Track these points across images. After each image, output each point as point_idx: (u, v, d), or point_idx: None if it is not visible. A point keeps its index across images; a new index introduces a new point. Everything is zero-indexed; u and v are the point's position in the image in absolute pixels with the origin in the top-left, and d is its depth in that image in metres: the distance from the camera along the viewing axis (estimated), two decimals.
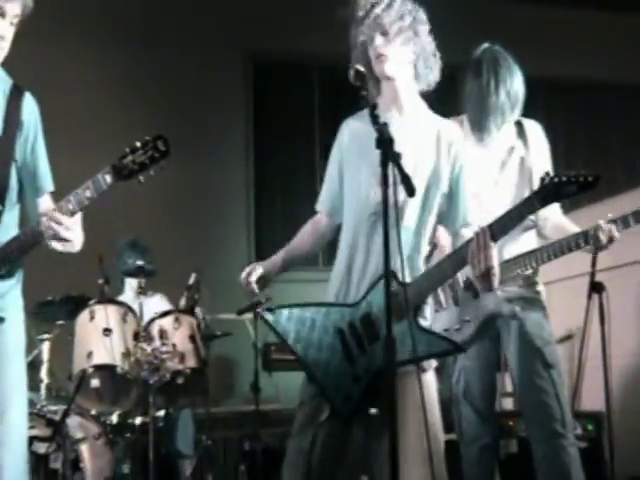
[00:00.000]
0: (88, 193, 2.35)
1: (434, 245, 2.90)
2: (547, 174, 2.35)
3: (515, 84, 3.24)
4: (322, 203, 2.78)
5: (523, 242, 3.27)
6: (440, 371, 3.21)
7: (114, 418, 4.20)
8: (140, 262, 4.30)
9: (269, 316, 2.58)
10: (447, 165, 2.62)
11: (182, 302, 4.54)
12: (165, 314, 4.30)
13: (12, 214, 2.55)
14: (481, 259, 2.35)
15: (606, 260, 4.25)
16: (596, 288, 4.14)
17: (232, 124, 7.05)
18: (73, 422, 3.95)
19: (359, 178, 2.60)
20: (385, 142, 2.13)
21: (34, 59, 5.22)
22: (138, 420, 4.25)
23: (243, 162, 7.03)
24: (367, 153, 2.43)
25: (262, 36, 7.00)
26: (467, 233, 2.56)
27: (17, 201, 2.59)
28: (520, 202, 2.41)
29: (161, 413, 4.36)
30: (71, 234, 2.37)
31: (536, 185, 3.10)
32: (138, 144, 2.36)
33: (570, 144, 7.50)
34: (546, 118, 4.08)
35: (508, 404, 5.21)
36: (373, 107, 2.31)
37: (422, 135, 2.62)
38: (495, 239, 2.36)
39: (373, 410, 2.48)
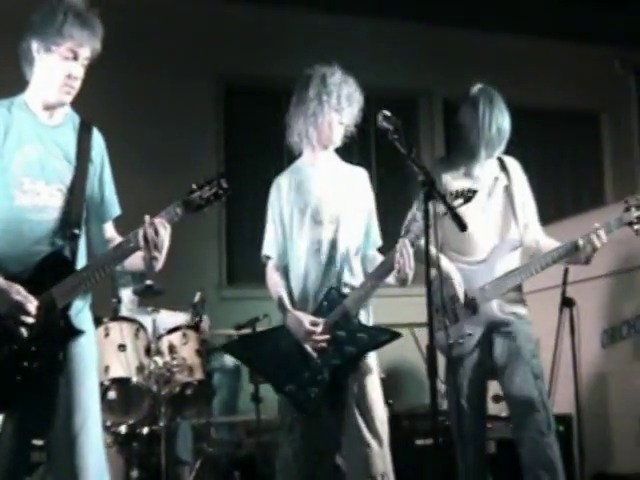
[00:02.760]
0: None
1: None
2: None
3: (505, 122, 3.68)
4: (271, 249, 3.34)
5: (510, 260, 3.69)
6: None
7: (123, 428, 4.44)
8: (149, 282, 4.56)
9: (233, 350, 3.38)
10: (363, 200, 3.33)
11: (188, 318, 4.81)
12: (173, 330, 4.58)
13: (83, 240, 2.80)
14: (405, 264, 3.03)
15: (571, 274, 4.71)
16: (567, 303, 4.61)
17: (203, 146, 7.30)
18: None
19: (300, 225, 3.26)
20: (429, 183, 2.49)
21: None
22: (145, 430, 4.51)
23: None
24: (302, 202, 3.26)
25: (233, 60, 7.31)
26: (373, 252, 3.34)
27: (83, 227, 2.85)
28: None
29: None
30: (164, 247, 2.62)
31: (519, 213, 3.68)
32: (203, 181, 2.67)
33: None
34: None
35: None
36: (410, 150, 2.70)
37: (339, 181, 3.30)
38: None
39: None
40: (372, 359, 3.24)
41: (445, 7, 7.65)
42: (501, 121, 3.65)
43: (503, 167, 3.78)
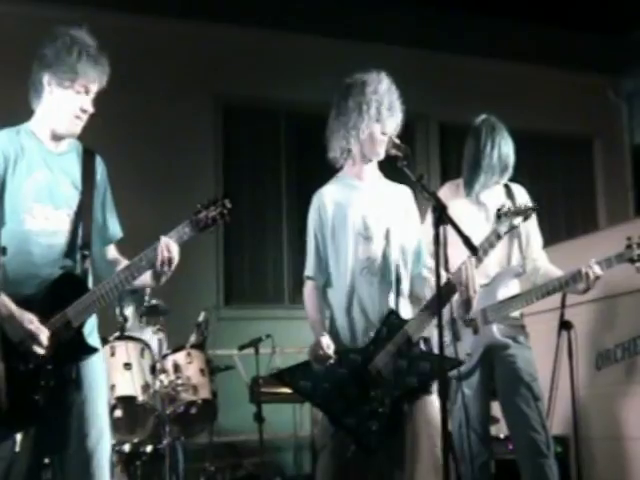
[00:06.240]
0: None
1: None
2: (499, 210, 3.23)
3: (508, 149, 3.79)
4: (312, 271, 3.10)
5: (512, 287, 3.81)
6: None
7: (127, 447, 4.49)
8: (155, 301, 4.64)
9: (287, 378, 3.00)
10: (411, 219, 3.18)
11: (192, 338, 4.88)
12: (178, 349, 4.66)
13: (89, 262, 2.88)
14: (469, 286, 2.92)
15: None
16: (565, 325, 4.69)
17: (202, 167, 7.39)
18: None
19: (346, 241, 3.04)
20: (441, 208, 2.58)
21: None
22: (149, 448, 4.56)
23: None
24: (348, 217, 3.04)
25: (231, 83, 7.44)
26: (426, 273, 3.12)
27: None
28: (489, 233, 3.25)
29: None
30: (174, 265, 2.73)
31: (522, 241, 3.82)
32: (207, 201, 2.76)
33: None
34: None
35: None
36: (421, 177, 2.78)
37: (386, 196, 3.14)
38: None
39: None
40: (435, 396, 3.04)
41: (442, 33, 7.82)
42: (504, 149, 3.77)
43: (509, 194, 3.86)
